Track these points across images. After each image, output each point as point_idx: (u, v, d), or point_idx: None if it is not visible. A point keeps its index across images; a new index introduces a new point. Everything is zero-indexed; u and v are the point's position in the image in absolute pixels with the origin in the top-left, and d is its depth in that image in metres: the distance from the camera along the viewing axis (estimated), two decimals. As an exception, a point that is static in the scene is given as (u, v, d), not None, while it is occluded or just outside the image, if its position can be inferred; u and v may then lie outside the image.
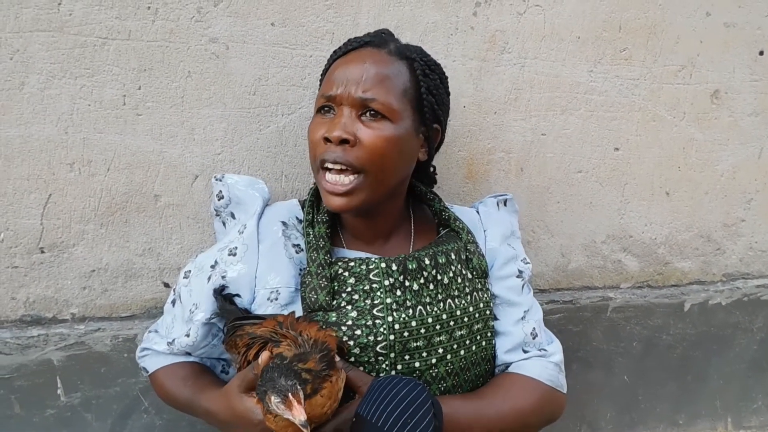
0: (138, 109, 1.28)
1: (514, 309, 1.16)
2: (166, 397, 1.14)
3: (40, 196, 1.27)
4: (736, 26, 1.60)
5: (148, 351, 1.16)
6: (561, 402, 1.15)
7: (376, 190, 1.06)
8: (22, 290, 1.29)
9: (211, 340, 1.11)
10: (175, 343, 1.11)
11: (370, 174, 1.04)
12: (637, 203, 1.63)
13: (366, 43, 1.11)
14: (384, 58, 1.07)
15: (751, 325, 1.78)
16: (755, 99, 1.66)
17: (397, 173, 1.09)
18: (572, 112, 1.53)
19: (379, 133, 1.03)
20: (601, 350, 1.67)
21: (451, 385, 1.08)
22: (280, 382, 0.83)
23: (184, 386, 1.10)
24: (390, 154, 1.04)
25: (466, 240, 1.16)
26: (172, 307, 1.15)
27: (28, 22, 1.20)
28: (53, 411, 1.32)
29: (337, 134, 1.02)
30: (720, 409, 1.81)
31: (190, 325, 1.09)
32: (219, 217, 1.18)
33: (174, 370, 1.12)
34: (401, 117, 1.05)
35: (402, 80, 1.07)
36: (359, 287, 1.06)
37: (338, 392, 0.92)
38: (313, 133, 1.07)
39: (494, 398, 1.08)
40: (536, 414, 1.10)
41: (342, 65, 1.07)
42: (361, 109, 1.04)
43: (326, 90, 1.07)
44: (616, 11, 1.51)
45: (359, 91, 1.03)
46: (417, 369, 1.05)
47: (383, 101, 1.03)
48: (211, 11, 1.28)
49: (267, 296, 1.07)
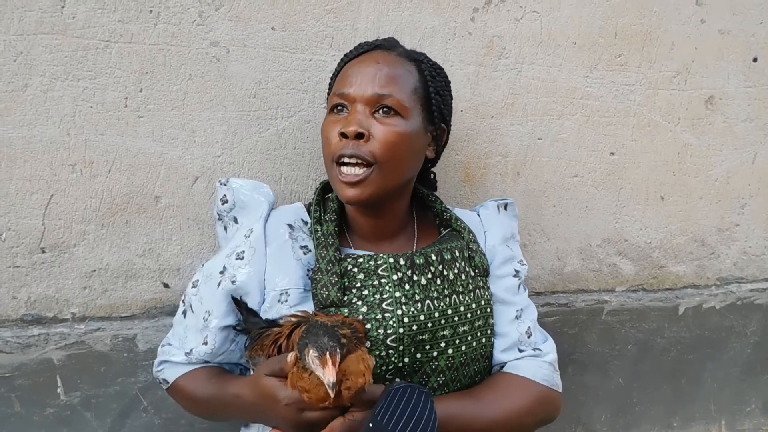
0: (139, 112, 1.30)
1: (510, 308, 1.18)
2: (192, 400, 1.14)
3: (42, 196, 1.28)
4: (730, 33, 1.62)
5: (166, 363, 1.17)
6: (556, 401, 1.17)
7: (387, 183, 1.09)
8: (23, 290, 1.31)
9: (229, 345, 1.13)
10: (193, 353, 1.12)
11: (382, 166, 1.07)
12: (632, 207, 1.65)
13: (377, 46, 1.16)
14: (395, 59, 1.12)
15: (745, 329, 1.79)
16: (749, 105, 1.68)
17: (407, 168, 1.13)
18: (568, 116, 1.55)
19: (392, 128, 1.07)
20: (596, 353, 1.68)
21: (449, 378, 1.10)
22: (323, 339, 0.85)
23: (209, 383, 1.11)
24: (402, 149, 1.08)
25: (468, 239, 1.19)
26: (183, 318, 1.16)
27: (31, 25, 1.22)
28: (53, 410, 1.33)
29: (352, 129, 1.05)
30: (714, 412, 1.82)
31: (206, 333, 1.11)
32: (221, 221, 1.19)
33: (197, 374, 1.13)
34: (412, 114, 1.10)
35: (412, 80, 1.12)
36: (368, 282, 1.08)
37: (371, 368, 0.93)
38: (328, 130, 1.10)
39: (490, 399, 1.09)
40: (532, 414, 1.12)
41: (355, 65, 1.12)
42: (374, 106, 1.08)
43: (340, 88, 1.11)
44: (612, 18, 1.53)
45: (375, 88, 1.07)
46: (418, 360, 1.07)
47: (397, 98, 1.08)
48: (213, 15, 1.30)
49: (277, 298, 1.08)
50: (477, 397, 1.10)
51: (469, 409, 1.06)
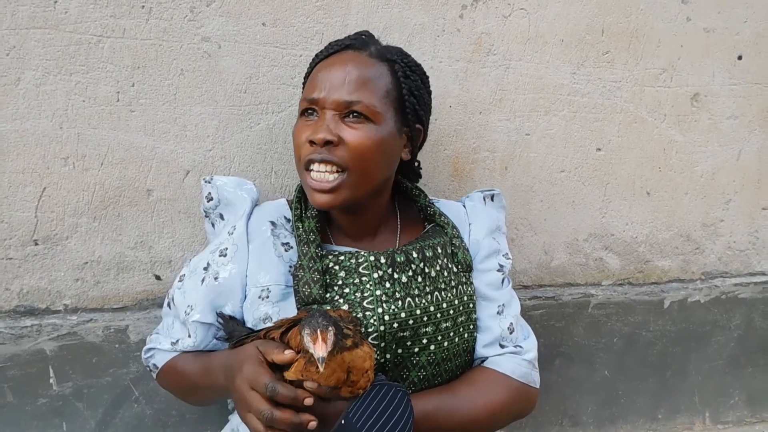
0: (131, 106, 1.31)
1: (492, 304, 1.19)
2: (180, 380, 1.14)
3: (34, 189, 1.30)
4: (715, 31, 1.65)
5: (154, 350, 1.18)
6: (532, 397, 1.17)
7: (359, 188, 1.08)
8: (16, 281, 1.32)
9: (211, 340, 1.13)
10: (179, 343, 1.14)
11: (354, 172, 1.06)
12: (618, 203, 1.68)
13: (347, 46, 1.13)
14: (365, 61, 1.09)
15: (729, 323, 1.82)
16: (734, 102, 1.70)
17: (380, 172, 1.11)
18: (556, 113, 1.57)
19: (362, 134, 1.05)
20: (582, 346, 1.71)
21: (430, 373, 1.11)
22: (317, 320, 0.86)
23: (196, 359, 1.11)
24: (373, 155, 1.07)
25: (452, 235, 1.19)
26: (169, 310, 1.18)
27: (24, 20, 1.23)
28: (45, 400, 1.35)
29: (321, 136, 1.04)
30: (698, 404, 1.85)
31: (188, 326, 1.12)
32: (208, 218, 1.21)
33: (184, 356, 1.14)
34: (384, 118, 1.08)
35: (384, 82, 1.09)
36: (349, 280, 1.09)
37: (373, 364, 0.93)
38: (298, 136, 1.09)
39: (468, 394, 1.10)
40: (507, 410, 1.13)
41: (324, 68, 1.09)
42: (344, 111, 1.06)
43: (309, 93, 1.09)
44: (599, 15, 1.55)
45: (343, 95, 1.05)
46: (400, 356, 1.08)
47: (366, 103, 1.05)
48: (204, 11, 1.31)
49: (258, 294, 1.09)
50: (454, 393, 1.10)
51: (446, 404, 1.08)
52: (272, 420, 0.88)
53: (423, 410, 1.03)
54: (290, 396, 0.88)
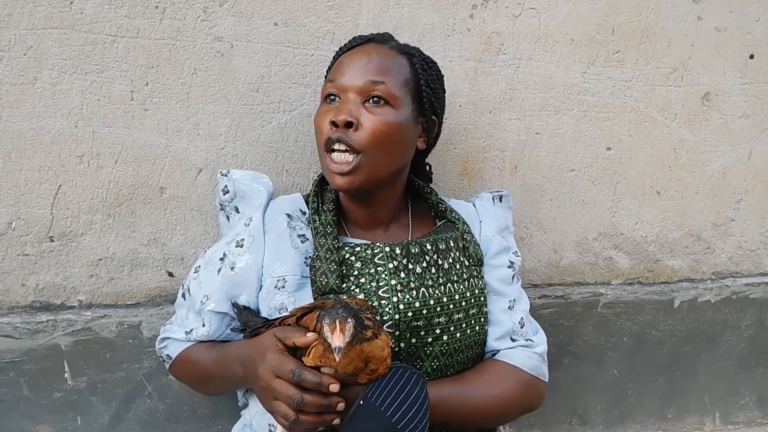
0: (145, 105, 1.33)
1: (503, 299, 1.21)
2: (194, 370, 1.16)
3: (50, 186, 1.32)
4: (727, 30, 1.64)
5: (168, 340, 1.20)
6: (541, 390, 1.20)
7: (376, 171, 1.11)
8: (32, 277, 1.34)
9: (225, 329, 1.15)
10: (192, 333, 1.16)
11: (371, 154, 1.09)
12: (628, 202, 1.68)
13: (369, 39, 1.19)
14: (387, 52, 1.15)
15: (740, 323, 1.82)
16: (745, 102, 1.70)
17: (397, 156, 1.15)
18: (565, 112, 1.57)
19: (381, 117, 1.09)
20: (591, 345, 1.71)
21: (443, 364, 1.13)
22: (338, 311, 0.88)
23: (211, 349, 1.13)
24: (390, 138, 1.11)
25: (463, 230, 1.21)
26: (183, 301, 1.20)
27: (41, 20, 1.25)
28: (60, 394, 1.37)
29: (342, 117, 1.08)
30: (708, 405, 1.85)
31: (203, 316, 1.14)
32: (223, 211, 1.24)
33: (198, 346, 1.16)
34: (402, 104, 1.12)
35: (403, 72, 1.14)
36: (365, 271, 1.11)
37: (390, 351, 0.95)
38: (320, 119, 1.13)
39: (480, 384, 1.13)
40: (517, 401, 1.15)
41: (348, 56, 1.15)
42: (365, 95, 1.10)
43: (333, 77, 1.14)
44: (610, 14, 1.55)
45: (366, 76, 1.10)
46: (414, 345, 1.10)
47: (387, 87, 1.10)
48: (217, 11, 1.33)
49: (274, 284, 1.11)
50: (467, 382, 1.13)
51: (458, 393, 1.10)
52: (303, 404, 0.91)
53: (436, 396, 1.04)
54: (316, 381, 0.91)
